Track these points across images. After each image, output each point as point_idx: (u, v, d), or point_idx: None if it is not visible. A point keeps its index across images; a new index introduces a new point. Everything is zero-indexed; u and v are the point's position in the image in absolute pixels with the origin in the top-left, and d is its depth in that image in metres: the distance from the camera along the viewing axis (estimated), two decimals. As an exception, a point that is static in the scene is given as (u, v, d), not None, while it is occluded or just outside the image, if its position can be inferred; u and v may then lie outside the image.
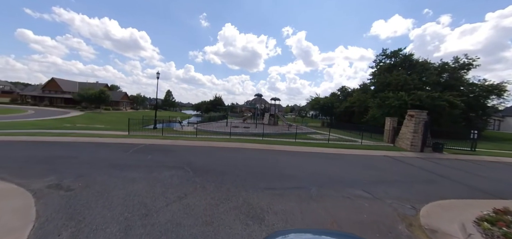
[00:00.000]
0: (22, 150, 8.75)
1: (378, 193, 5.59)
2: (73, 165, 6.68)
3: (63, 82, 58.24)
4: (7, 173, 5.88)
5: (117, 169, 6.37)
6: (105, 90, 52.09)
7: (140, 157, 8.08)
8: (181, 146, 10.68)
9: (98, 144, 10.33)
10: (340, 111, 37.26)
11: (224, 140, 13.04)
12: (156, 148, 9.87)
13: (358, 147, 13.22)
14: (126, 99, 68.67)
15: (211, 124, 23.63)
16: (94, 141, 11.12)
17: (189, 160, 7.72)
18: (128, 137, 12.59)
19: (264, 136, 14.65)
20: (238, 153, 9.62)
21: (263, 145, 11.88)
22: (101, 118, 38.51)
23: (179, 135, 14.08)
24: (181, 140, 12.11)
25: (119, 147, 9.88)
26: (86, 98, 47.56)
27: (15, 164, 6.72)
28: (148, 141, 11.57)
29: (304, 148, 12.03)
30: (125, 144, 10.49)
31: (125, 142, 11.13)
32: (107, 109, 51.06)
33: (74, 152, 8.46)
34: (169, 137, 13.01)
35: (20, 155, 7.79)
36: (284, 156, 9.71)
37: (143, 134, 13.81)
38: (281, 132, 18.14)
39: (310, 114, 75.25)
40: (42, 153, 8.26)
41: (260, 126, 20.63)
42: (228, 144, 11.75)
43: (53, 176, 5.64)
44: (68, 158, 7.49)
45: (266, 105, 31.77)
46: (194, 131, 16.86)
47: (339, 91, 43.91)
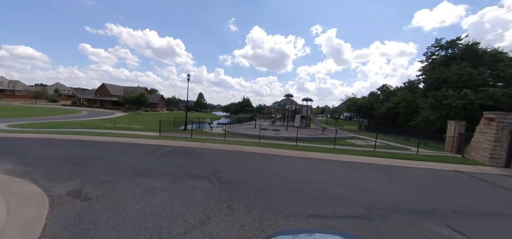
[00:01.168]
0: (63, 148, 9.16)
1: (476, 234, 3.82)
2: (99, 168, 6.42)
3: (111, 87, 65.55)
4: (41, 173, 5.87)
5: (139, 175, 5.84)
6: (144, 93, 56.79)
7: (165, 161, 7.56)
8: (209, 150, 10.03)
9: (129, 145, 10.36)
10: (381, 112, 33.14)
11: (254, 144, 12.05)
12: (183, 152, 9.38)
13: (415, 158, 10.80)
14: (162, 101, 73.96)
15: (239, 125, 23.05)
16: (127, 141, 11.27)
17: (216, 168, 6.87)
18: (159, 138, 12.58)
19: (297, 140, 13.20)
20: (270, 162, 8.46)
21: (297, 151, 10.50)
22: (140, 118, 41.67)
23: (208, 137, 13.64)
24: (209, 143, 11.52)
25: (148, 149, 9.68)
26: (128, 100, 52.44)
27: (51, 163, 6.80)
28: (176, 143, 11.27)
29: (347, 156, 10.25)
30: (154, 146, 10.30)
31: (155, 143, 11.00)
32: (146, 110, 55.47)
33: (105, 153, 8.43)
34: (197, 140, 12.60)
35: (59, 154, 8.03)
36: (326, 167, 8.20)
37: (173, 135, 13.75)
38: (315, 137, 16.41)
39: (344, 116, 69.87)
40: (78, 152, 8.42)
41: (291, 129, 19.17)
42: (258, 149, 10.69)
43: (78, 180, 5.35)
44: (98, 160, 7.37)
45: (296, 106, 29.96)
46: (224, 133, 16.33)
47: (379, 90, 39.31)
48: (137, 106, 54.23)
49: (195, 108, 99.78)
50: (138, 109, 53.99)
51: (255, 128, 19.68)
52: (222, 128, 17.79)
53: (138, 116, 43.91)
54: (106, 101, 61.33)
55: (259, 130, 16.45)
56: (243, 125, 23.87)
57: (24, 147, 9.40)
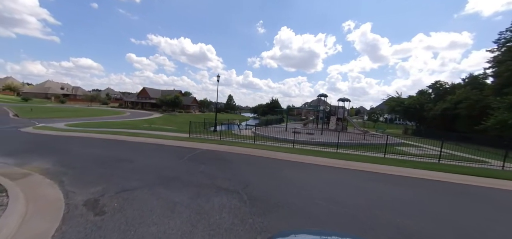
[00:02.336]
0: (99, 147, 9.40)
1: None
2: (125, 172, 6.05)
3: (150, 90, 71.47)
4: (70, 175, 5.75)
5: (162, 185, 5.21)
6: (179, 96, 60.26)
7: (192, 168, 6.91)
8: (238, 155, 9.18)
9: (158, 147, 10.19)
10: (435, 114, 28.25)
11: (287, 150, 10.81)
12: (211, 156, 8.71)
13: (503, 176, 8.15)
14: (195, 103, 77.65)
15: (269, 128, 21.98)
16: (157, 143, 11.21)
17: (246, 180, 5.89)
18: (188, 140, 12.31)
19: (341, 147, 11.41)
20: (309, 173, 7.15)
21: (340, 161, 8.91)
22: (174, 119, 43.98)
23: (237, 139, 12.90)
24: (239, 147, 10.70)
25: (176, 151, 9.29)
26: (165, 102, 56.24)
27: (83, 164, 6.75)
28: (205, 145, 10.76)
29: (405, 170, 8.25)
30: (182, 149, 9.93)
31: (183, 145, 10.67)
32: (180, 112, 58.72)
33: (134, 155, 8.24)
34: (226, 142, 11.94)
35: (93, 154, 8.12)
36: (381, 183, 6.53)
37: (202, 137, 13.40)
38: (358, 142, 14.32)
39: (384, 118, 62.85)
40: (110, 153, 8.44)
41: (327, 133, 17.28)
42: (293, 156, 9.43)
43: (100, 186, 4.96)
44: (126, 162, 7.11)
45: (331, 107, 27.52)
46: (253, 135, 15.46)
47: (430, 88, 33.78)
48: (172, 107, 57.78)
49: (225, 109, 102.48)
50: (173, 111, 57.46)
51: (286, 131, 18.36)
52: (251, 130, 17.00)
53: (173, 117, 46.51)
54: (146, 103, 66.99)
55: (290, 133, 15.12)
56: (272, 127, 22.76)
57: (68, 146, 9.94)
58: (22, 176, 5.74)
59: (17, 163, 6.97)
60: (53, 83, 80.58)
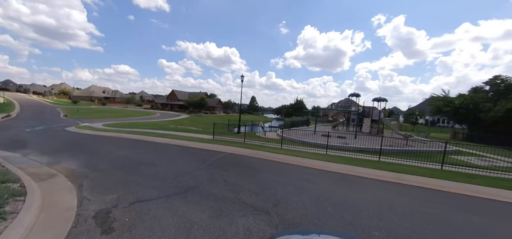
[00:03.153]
0: (126, 148, 9.41)
1: None
2: (144, 178, 5.62)
3: (178, 93, 75.13)
4: (91, 178, 5.52)
5: (181, 196, 4.58)
6: (204, 98, 62.07)
7: (214, 175, 6.23)
8: (264, 161, 8.30)
9: (182, 149, 9.85)
10: (496, 116, 23.67)
11: (320, 157, 9.59)
12: (236, 161, 7.98)
13: None
14: (219, 104, 79.39)
15: (295, 130, 20.67)
16: (181, 144, 10.94)
17: (276, 194, 4.96)
18: (212, 142, 11.85)
19: (381, 154, 9.76)
20: (354, 189, 5.93)
21: (388, 173, 7.40)
22: (200, 120, 45.11)
23: (262, 142, 12.04)
24: (265, 151, 9.82)
25: (199, 155, 8.79)
26: (191, 104, 58.38)
27: (106, 166, 6.58)
28: (228, 149, 10.13)
29: (480, 189, 6.43)
30: (205, 152, 9.42)
31: (207, 148, 10.18)
32: (205, 113, 60.40)
33: (157, 158, 7.92)
34: (251, 146, 11.18)
35: (118, 156, 8.04)
36: (457, 209, 5.02)
37: (226, 139, 12.86)
38: (401, 149, 12.34)
39: (424, 120, 55.95)
40: (135, 155, 8.29)
41: (361, 137, 15.39)
42: (328, 165, 8.20)
43: (116, 194, 4.53)
44: (148, 166, 6.76)
45: (364, 108, 24.97)
46: (278, 138, 14.45)
47: (487, 84, 28.54)
48: (198, 109, 59.72)
49: (248, 110, 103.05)
50: (199, 112, 59.35)
51: (314, 135, 16.94)
52: (277, 132, 16.03)
53: (199, 118, 47.85)
54: (175, 105, 70.53)
55: (320, 137, 13.78)
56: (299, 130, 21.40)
57: (99, 145, 10.20)
58: (49, 177, 5.70)
59: (50, 162, 7.13)
60: (96, 87, 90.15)
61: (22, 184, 4.88)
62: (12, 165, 6.50)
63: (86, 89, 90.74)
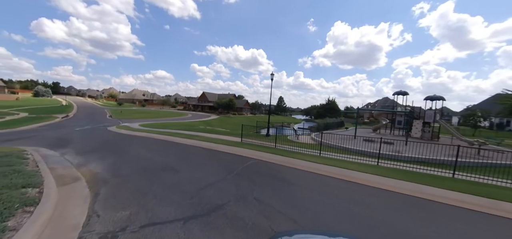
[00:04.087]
0: (153, 151, 9.10)
1: None
2: (164, 190, 4.87)
3: (209, 95, 77.79)
4: (108, 186, 4.99)
5: (202, 220, 3.62)
6: (233, 99, 62.84)
7: (243, 189, 5.18)
8: (301, 172, 6.98)
9: (209, 153, 9.12)
10: None
11: (370, 169, 7.83)
12: (267, 171, 6.84)
13: None
14: (247, 106, 79.78)
15: (331, 134, 18.61)
16: (208, 147, 10.27)
17: (322, 222, 3.65)
18: (240, 145, 10.95)
19: (456, 169, 7.42)
20: (428, 219, 4.23)
21: (476, 199, 5.36)
22: (228, 121, 45.42)
23: (295, 147, 10.66)
24: (300, 160, 8.45)
25: (227, 161, 7.90)
26: (220, 105, 59.62)
27: (129, 172, 6.11)
28: (258, 154, 9.05)
29: None
30: (233, 157, 8.51)
31: (235, 152, 9.27)
32: (233, 114, 61.07)
33: (182, 163, 7.25)
34: (283, 152, 9.92)
35: (143, 158, 7.65)
36: None
37: (255, 142, 11.82)
38: (472, 161, 9.62)
39: (489, 122, 46.54)
40: (160, 158, 7.81)
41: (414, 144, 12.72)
42: (386, 182, 6.46)
43: (129, 211, 3.83)
44: (170, 173, 6.09)
45: (413, 108, 21.31)
46: (313, 143, 12.88)
47: None
48: (227, 110, 60.70)
49: (275, 111, 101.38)
50: (228, 113, 60.28)
51: (355, 139, 14.77)
52: (311, 135, 14.40)
53: (227, 119, 48.33)
54: (205, 106, 73.19)
55: (361, 142, 11.77)
56: (336, 133, 19.27)
57: (129, 146, 10.17)
58: (72, 181, 5.41)
59: (80, 163, 7.05)
60: (137, 91, 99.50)
61: (41, 190, 4.57)
62: (46, 165, 6.51)
63: (129, 92, 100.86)
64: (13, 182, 4.61)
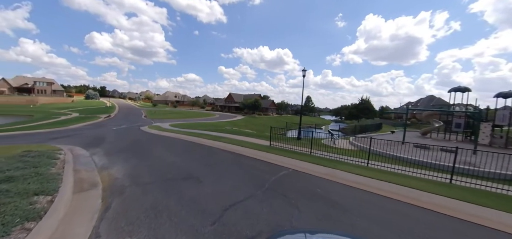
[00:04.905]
0: (177, 153, 8.55)
1: None
2: (182, 208, 4.00)
3: (235, 95, 78.65)
4: (122, 199, 4.34)
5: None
6: (258, 99, 62.18)
7: (278, 213, 4.01)
8: (352, 191, 5.51)
9: (235, 158, 8.17)
10: None
11: (442, 189, 5.96)
12: (307, 188, 5.55)
13: None
14: (273, 106, 78.37)
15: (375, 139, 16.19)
16: (235, 151, 9.35)
17: None
18: (269, 150, 9.80)
19: None
20: None
21: None
22: (254, 121, 44.79)
23: (333, 153, 9.08)
24: (345, 172, 6.92)
25: (255, 169, 6.83)
26: (246, 105, 59.46)
27: (146, 179, 5.45)
28: (292, 162, 7.78)
29: None
30: (263, 165, 7.41)
31: (264, 159, 8.15)
32: (259, 114, 60.34)
33: (206, 171, 6.40)
34: (321, 160, 8.47)
35: (166, 163, 7.05)
36: None
37: (286, 147, 10.54)
38: None
39: None
40: (183, 163, 7.13)
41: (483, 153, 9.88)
42: (466, 208, 4.65)
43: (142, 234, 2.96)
44: (191, 183, 5.25)
45: (479, 109, 17.35)
46: (354, 149, 11.05)
47: None
48: (253, 110, 60.25)
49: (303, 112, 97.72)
50: (253, 113, 59.79)
51: (402, 145, 12.35)
52: (350, 141, 12.49)
53: (253, 119, 47.76)
54: (231, 107, 74.12)
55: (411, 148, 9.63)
56: (378, 138, 16.79)
57: (154, 148, 9.86)
58: (89, 187, 4.94)
59: (104, 165, 6.74)
60: (170, 93, 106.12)
61: (53, 198, 4.10)
62: (72, 167, 6.31)
63: (163, 94, 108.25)
64: (28, 188, 4.24)
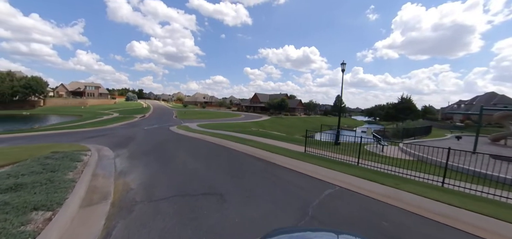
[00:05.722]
0: (201, 158, 7.67)
1: None
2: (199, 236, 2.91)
3: (260, 95, 77.84)
4: (132, 218, 3.45)
5: None
6: (285, 99, 60.15)
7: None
8: (434, 227, 3.81)
9: (267, 168, 6.90)
10: None
11: None
12: (365, 217, 4.00)
13: None
14: (300, 106, 75.36)
15: (422, 145, 13.37)
16: (265, 158, 8.11)
17: None
18: (305, 158, 8.30)
19: None
20: None
21: None
22: (281, 122, 43.16)
23: (386, 165, 7.19)
24: (415, 195, 5.11)
25: (293, 185, 5.48)
26: (272, 105, 57.99)
27: (165, 193, 4.56)
28: (335, 176, 6.22)
29: None
30: (301, 178, 6.02)
31: (302, 170, 6.71)
32: (286, 114, 58.29)
33: (232, 184, 5.29)
34: (375, 175, 6.71)
35: (187, 171, 6.16)
36: None
37: (324, 155, 8.89)
38: None
39: None
40: (205, 173, 6.16)
41: None
42: None
43: None
44: (213, 204, 4.17)
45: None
46: (408, 158, 8.85)
47: None
48: (279, 110, 58.48)
49: (332, 112, 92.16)
50: (279, 113, 58.00)
51: (474, 154, 9.58)
52: (401, 148, 10.16)
53: (279, 120, 46.12)
54: (257, 107, 73.47)
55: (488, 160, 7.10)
56: (438, 146, 13.90)
57: (178, 152, 9.23)
58: (99, 200, 4.22)
59: (123, 171, 6.17)
60: (199, 94, 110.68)
61: (53, 215, 3.41)
62: (91, 170, 5.85)
63: (192, 96, 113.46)
64: (30, 200, 3.64)
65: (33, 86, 53.85)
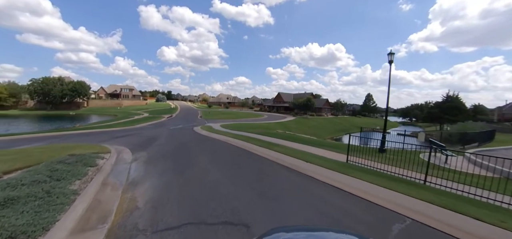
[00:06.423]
0: (223, 166, 6.62)
1: None
2: None
3: (284, 95, 75.75)
4: None
5: None
6: (311, 98, 57.31)
7: None
8: None
9: (306, 183, 5.53)
10: None
11: None
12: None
13: None
14: (327, 105, 71.38)
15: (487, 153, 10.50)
16: (299, 170, 6.68)
17: None
18: (349, 171, 6.65)
19: None
20: None
21: None
22: (307, 123, 40.86)
23: (460, 183, 5.22)
24: None
25: (342, 212, 4.03)
26: (297, 105, 55.65)
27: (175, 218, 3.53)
28: (402, 200, 4.56)
29: None
30: (352, 202, 4.52)
31: (350, 190, 5.14)
32: (312, 115, 55.42)
33: (261, 209, 4.06)
34: (456, 202, 4.90)
35: (207, 183, 5.12)
36: None
37: (371, 168, 7.12)
38: None
39: None
40: (228, 188, 5.03)
41: None
42: None
43: None
44: (236, 234, 3.00)
45: None
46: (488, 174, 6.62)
47: None
48: (304, 110, 55.88)
49: (362, 112, 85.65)
50: (305, 114, 55.37)
51: None
52: (465, 155, 7.80)
53: (305, 121, 43.78)
54: (280, 107, 71.60)
55: None
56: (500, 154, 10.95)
57: (198, 157, 8.38)
58: (95, 224, 3.35)
59: (135, 180, 5.39)
60: (222, 95, 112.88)
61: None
62: (101, 178, 5.19)
63: (217, 96, 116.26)
64: (11, 224, 2.89)
65: (78, 89, 60.18)
